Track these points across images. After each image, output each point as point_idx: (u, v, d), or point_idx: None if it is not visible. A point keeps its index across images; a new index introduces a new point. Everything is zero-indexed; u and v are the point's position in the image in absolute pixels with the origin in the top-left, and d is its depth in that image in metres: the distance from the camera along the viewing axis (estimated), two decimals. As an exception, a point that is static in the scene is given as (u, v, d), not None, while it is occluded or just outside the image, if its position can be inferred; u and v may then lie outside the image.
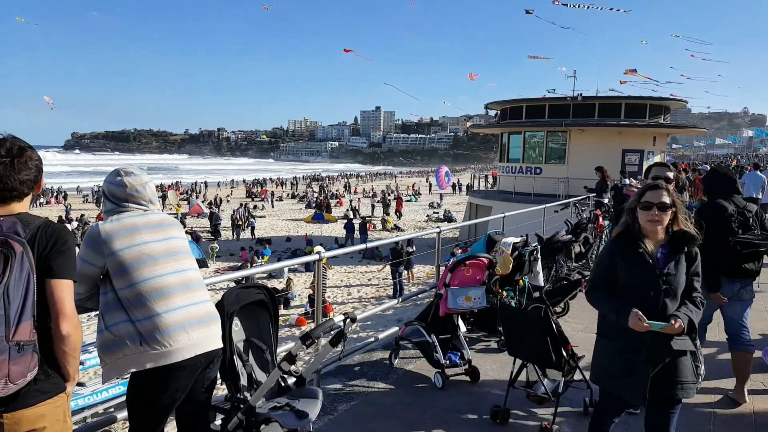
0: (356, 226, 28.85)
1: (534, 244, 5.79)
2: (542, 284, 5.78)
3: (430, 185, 62.64)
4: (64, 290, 2.03)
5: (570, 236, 7.19)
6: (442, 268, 5.81)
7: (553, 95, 27.45)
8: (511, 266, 5.31)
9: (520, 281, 5.52)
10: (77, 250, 2.32)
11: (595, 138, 24.03)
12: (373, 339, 5.44)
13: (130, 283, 2.40)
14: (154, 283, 2.42)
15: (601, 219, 8.36)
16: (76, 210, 36.72)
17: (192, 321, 2.49)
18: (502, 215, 7.50)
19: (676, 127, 29.28)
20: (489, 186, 34.91)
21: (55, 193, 47.53)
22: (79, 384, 8.51)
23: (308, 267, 21.44)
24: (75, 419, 7.24)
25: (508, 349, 4.11)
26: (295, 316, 15.49)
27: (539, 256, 5.70)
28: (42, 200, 41.71)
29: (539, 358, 3.89)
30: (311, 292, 16.59)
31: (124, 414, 3.20)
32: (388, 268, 20.17)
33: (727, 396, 4.29)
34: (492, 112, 32.20)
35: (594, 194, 12.34)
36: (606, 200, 11.87)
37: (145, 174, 2.67)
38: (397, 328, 5.71)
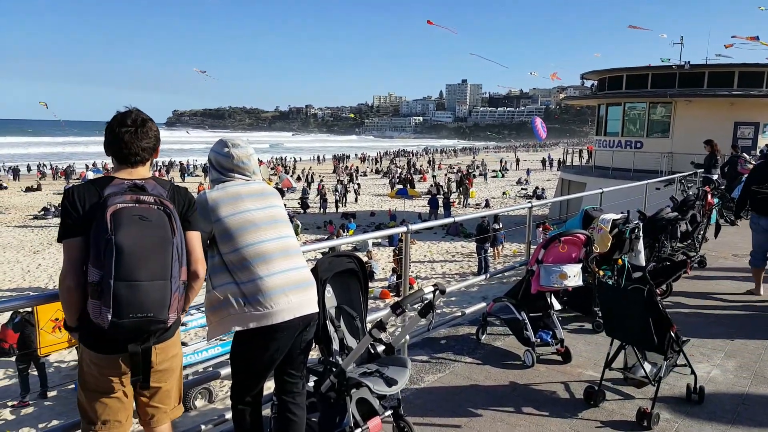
0: (440, 201, 28.69)
1: (635, 222, 5.45)
2: (643, 264, 5.44)
3: (518, 160, 60.93)
4: (197, 240, 2.38)
5: (675, 214, 6.69)
6: (533, 246, 5.63)
7: (657, 64, 25.51)
8: (609, 244, 5.04)
9: (619, 260, 5.21)
10: None
11: (704, 110, 22.17)
12: (459, 314, 5.38)
13: (234, 247, 2.52)
14: (256, 248, 2.52)
15: (710, 196, 7.70)
16: (178, 183, 39.15)
17: (291, 285, 2.57)
18: (600, 191, 7.10)
19: (799, 97, 26.35)
20: (583, 161, 33.30)
21: (160, 167, 51.10)
22: (182, 344, 9.15)
23: (392, 241, 21.68)
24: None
25: (605, 329, 3.91)
26: (380, 288, 15.71)
27: (641, 234, 5.35)
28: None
29: (640, 339, 3.67)
30: (394, 265, 16.74)
31: (225, 371, 3.40)
32: (472, 245, 19.94)
33: None
34: (588, 83, 30.37)
35: (702, 170, 11.42)
36: (715, 176, 10.96)
37: (250, 146, 2.77)
38: (483, 305, 5.61)
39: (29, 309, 9.42)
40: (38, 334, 8.70)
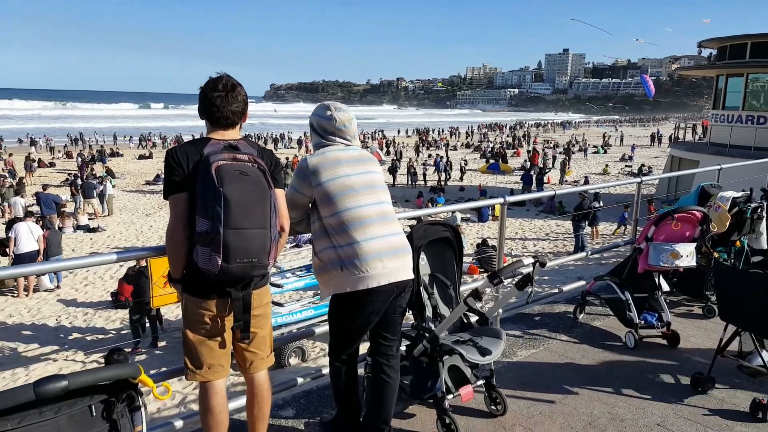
0: (534, 177, 27.74)
1: (759, 201, 4.96)
2: (765, 247, 4.96)
3: (622, 136, 57.47)
4: (282, 197, 2.50)
5: (806, 194, 6.01)
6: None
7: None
8: (728, 224, 4.63)
9: (738, 242, 4.80)
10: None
11: None
12: (556, 290, 5.21)
13: (333, 212, 2.57)
14: (354, 213, 2.56)
15: None
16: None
17: (387, 251, 2.59)
18: (718, 167, 6.52)
19: None
20: (697, 137, 30.73)
21: (256, 140, 53.45)
22: (278, 304, 9.63)
23: (481, 217, 21.34)
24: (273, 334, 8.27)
25: (720, 313, 3.62)
26: (467, 263, 15.56)
27: (764, 215, 4.87)
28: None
29: (760, 326, 3.36)
30: (479, 241, 16.46)
31: (319, 330, 3.53)
32: (568, 224, 19.17)
33: None
34: (705, 53, 27.75)
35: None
36: None
37: (351, 111, 2.79)
38: (581, 283, 5.40)
39: (144, 263, 10.31)
40: (151, 287, 9.46)
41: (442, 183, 30.47)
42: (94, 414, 1.74)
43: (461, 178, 32.26)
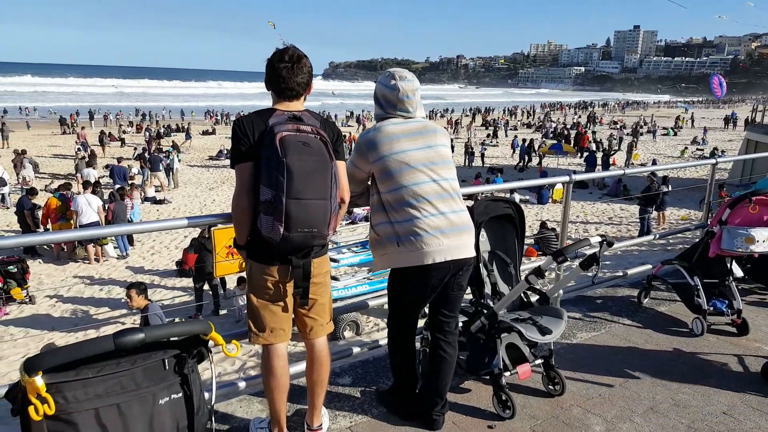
0: (599, 160, 26.73)
1: None
2: None
3: (693, 118, 54.51)
4: (343, 169, 2.51)
5: None
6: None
7: None
8: (811, 208, 4.31)
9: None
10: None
11: None
12: (620, 273, 5.04)
13: (390, 188, 2.58)
14: (410, 190, 2.56)
15: None
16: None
17: (444, 228, 2.57)
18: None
19: None
20: (776, 120, 28.60)
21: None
22: (334, 278, 9.81)
23: (541, 199, 20.82)
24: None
25: (800, 303, 3.41)
26: (525, 245, 15.26)
27: None
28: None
29: None
30: (538, 223, 16.12)
31: (371, 303, 3.57)
32: (633, 208, 18.44)
33: None
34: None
35: None
36: None
37: (416, 80, 2.75)
38: (646, 267, 5.20)
39: (206, 235, 10.70)
40: (214, 257, 9.81)
41: (526, 166, 28.87)
42: (167, 368, 1.84)
43: (539, 163, 29.70)
